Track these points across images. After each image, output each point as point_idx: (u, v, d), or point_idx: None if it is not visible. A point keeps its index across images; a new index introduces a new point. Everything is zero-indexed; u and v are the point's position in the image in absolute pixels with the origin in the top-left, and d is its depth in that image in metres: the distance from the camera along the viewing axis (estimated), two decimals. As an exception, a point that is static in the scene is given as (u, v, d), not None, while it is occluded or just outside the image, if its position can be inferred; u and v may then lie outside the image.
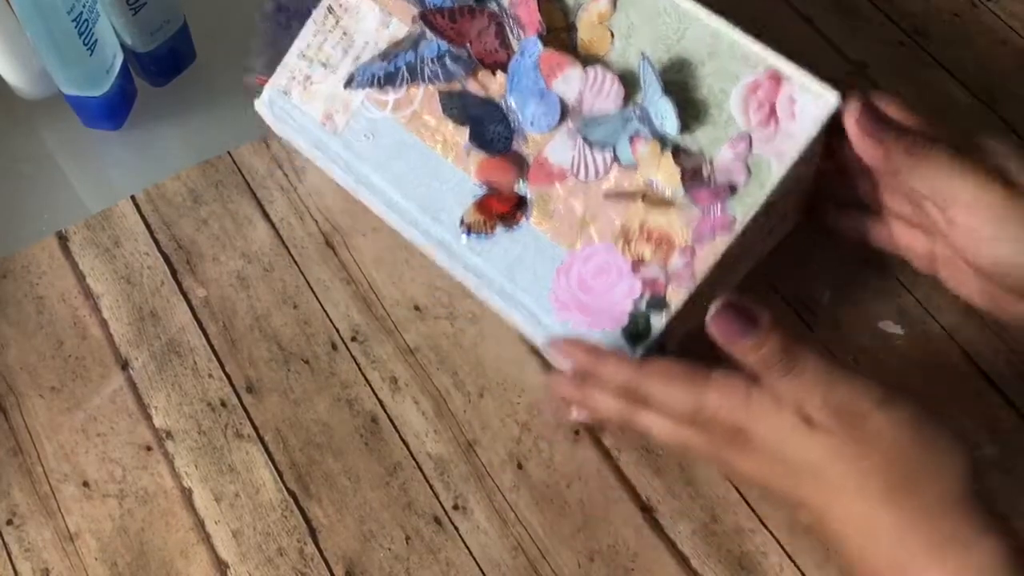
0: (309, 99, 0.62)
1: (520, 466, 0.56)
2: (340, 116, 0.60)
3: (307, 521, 0.55)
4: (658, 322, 0.52)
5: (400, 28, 0.59)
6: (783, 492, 0.45)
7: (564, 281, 0.55)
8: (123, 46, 0.65)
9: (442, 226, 0.58)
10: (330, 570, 0.54)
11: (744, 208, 0.51)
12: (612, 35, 0.54)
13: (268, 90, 0.63)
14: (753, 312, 0.44)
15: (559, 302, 0.55)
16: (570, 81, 0.54)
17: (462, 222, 0.57)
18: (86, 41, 0.60)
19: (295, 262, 0.62)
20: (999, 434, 0.56)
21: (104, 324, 0.60)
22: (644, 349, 0.53)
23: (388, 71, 0.59)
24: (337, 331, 0.60)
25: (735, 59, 0.52)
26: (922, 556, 0.40)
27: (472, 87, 0.57)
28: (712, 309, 0.44)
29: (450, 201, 0.58)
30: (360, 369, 0.59)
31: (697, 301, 0.52)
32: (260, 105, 0.63)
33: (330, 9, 0.61)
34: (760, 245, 0.57)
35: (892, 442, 0.41)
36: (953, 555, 0.40)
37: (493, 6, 0.57)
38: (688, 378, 0.46)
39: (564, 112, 0.55)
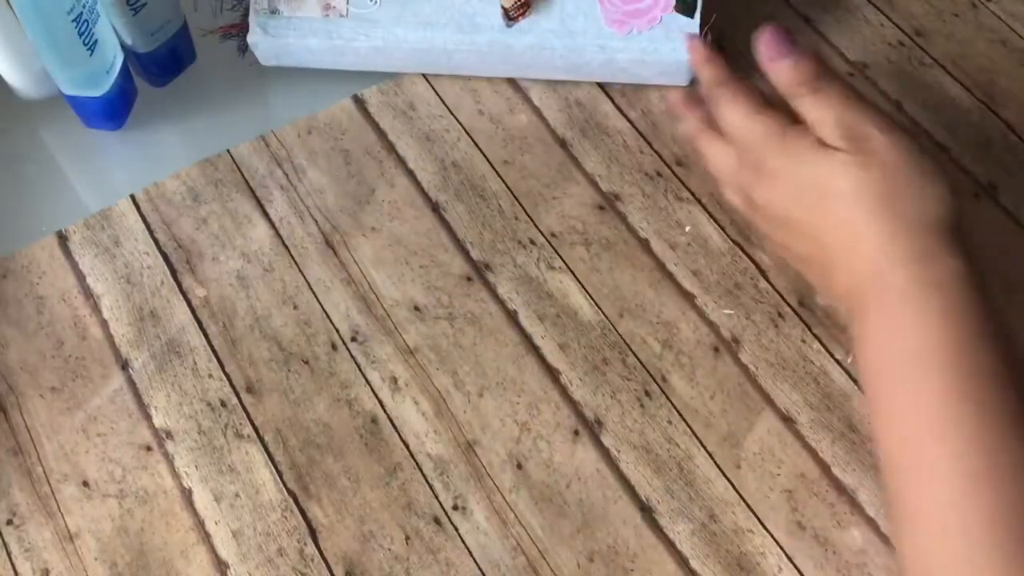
0: (299, 5, 0.65)
1: (520, 466, 0.56)
2: (338, 0, 0.64)
3: (307, 521, 0.55)
4: None
5: None
6: (787, 213, 0.50)
7: (609, 3, 0.63)
8: (123, 46, 0.65)
9: (485, 30, 0.64)
10: (330, 570, 0.54)
11: None
12: None
13: (254, 20, 0.65)
14: (795, 38, 0.50)
15: (616, 22, 0.63)
16: None
17: (503, 11, 0.63)
18: (86, 41, 0.60)
19: (295, 262, 0.62)
20: (998, 435, 0.56)
21: (104, 324, 0.60)
22: (699, 8, 0.63)
23: None
24: (337, 331, 0.60)
25: None
26: (896, 264, 0.46)
27: None
28: (761, 31, 0.51)
29: (479, 5, 0.64)
30: (360, 369, 0.59)
31: None
32: (252, 36, 0.65)
33: None
34: None
35: (889, 161, 0.46)
36: (921, 267, 0.45)
37: None
38: (749, 99, 0.52)
39: None
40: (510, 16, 0.64)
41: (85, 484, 0.56)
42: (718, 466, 0.56)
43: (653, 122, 0.67)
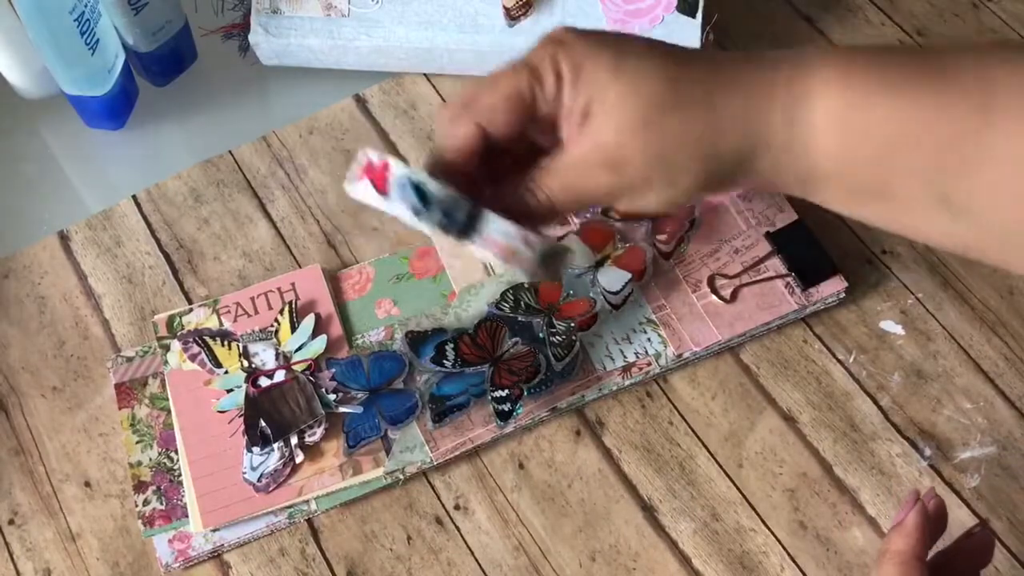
0: (301, 4, 0.65)
1: (521, 466, 0.56)
2: (340, 0, 0.64)
3: (309, 521, 0.55)
4: None
5: None
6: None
7: (611, 5, 0.63)
8: (125, 46, 0.65)
9: (486, 30, 0.64)
10: (331, 570, 0.54)
11: None
12: None
13: (255, 19, 0.65)
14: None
15: (619, 23, 0.63)
16: None
17: (505, 11, 0.64)
18: (88, 41, 0.60)
19: (296, 262, 0.62)
20: (999, 433, 0.57)
21: (106, 324, 0.60)
22: (701, 8, 0.63)
23: None
24: (339, 331, 0.60)
25: None
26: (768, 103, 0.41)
27: None
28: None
29: (481, 5, 0.64)
30: (362, 369, 0.59)
31: None
32: (254, 36, 0.65)
33: None
34: None
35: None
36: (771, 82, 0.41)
37: None
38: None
39: None
40: (512, 16, 0.64)
41: (87, 484, 0.56)
42: (720, 465, 0.56)
43: (654, 122, 0.67)
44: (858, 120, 0.41)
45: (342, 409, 0.55)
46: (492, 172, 0.45)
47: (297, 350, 0.57)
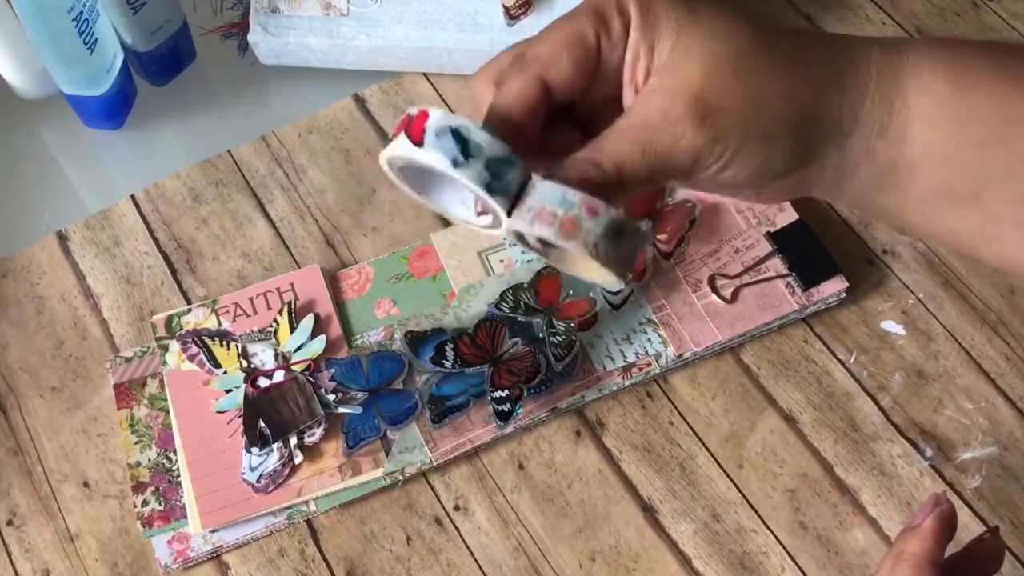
0: (300, 3, 0.65)
1: (521, 466, 0.56)
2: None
3: (308, 521, 0.55)
4: None
5: None
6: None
7: None
8: (123, 45, 0.65)
9: (487, 30, 0.64)
10: (331, 571, 0.53)
11: None
12: None
13: (254, 18, 0.65)
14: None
15: None
16: None
17: (504, 10, 0.63)
18: (86, 40, 0.60)
19: (295, 262, 0.62)
20: (1001, 434, 0.56)
21: (104, 324, 0.60)
22: None
23: None
24: (338, 331, 0.60)
25: None
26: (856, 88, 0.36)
27: None
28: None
29: (480, 4, 0.64)
30: (361, 369, 0.59)
31: None
32: (253, 35, 0.65)
33: None
34: None
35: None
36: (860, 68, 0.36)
37: None
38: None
39: None
40: (511, 15, 0.64)
41: (86, 485, 0.56)
42: (720, 466, 0.56)
43: (654, 121, 0.67)
44: (963, 108, 0.36)
45: (341, 409, 0.55)
46: (545, 148, 0.38)
47: (296, 350, 0.57)
